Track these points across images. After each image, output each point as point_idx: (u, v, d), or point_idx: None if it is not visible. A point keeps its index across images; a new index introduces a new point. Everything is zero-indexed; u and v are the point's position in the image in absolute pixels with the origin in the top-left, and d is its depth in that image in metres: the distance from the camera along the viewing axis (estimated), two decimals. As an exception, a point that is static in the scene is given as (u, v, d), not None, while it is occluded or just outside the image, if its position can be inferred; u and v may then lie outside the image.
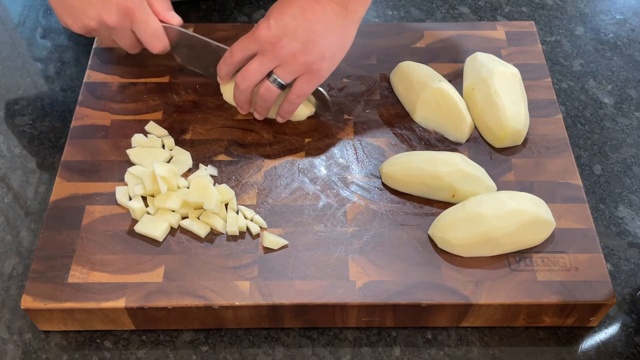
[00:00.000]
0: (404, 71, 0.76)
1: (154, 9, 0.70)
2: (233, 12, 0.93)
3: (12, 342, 0.64)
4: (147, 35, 0.69)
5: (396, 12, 0.93)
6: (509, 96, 0.71)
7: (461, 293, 0.61)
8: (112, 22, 0.67)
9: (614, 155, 0.78)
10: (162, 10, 0.70)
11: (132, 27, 0.69)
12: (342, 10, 0.65)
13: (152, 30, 0.69)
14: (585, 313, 0.63)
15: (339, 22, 0.66)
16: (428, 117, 0.74)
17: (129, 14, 0.67)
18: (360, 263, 0.64)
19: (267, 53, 0.66)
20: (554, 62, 0.87)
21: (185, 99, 0.77)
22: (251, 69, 0.67)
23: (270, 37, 0.65)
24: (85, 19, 0.68)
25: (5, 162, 0.77)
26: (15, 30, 0.91)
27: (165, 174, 0.66)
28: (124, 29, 0.69)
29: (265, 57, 0.66)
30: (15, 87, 0.84)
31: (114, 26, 0.68)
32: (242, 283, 0.62)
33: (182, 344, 0.64)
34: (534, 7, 0.94)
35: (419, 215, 0.67)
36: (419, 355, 0.63)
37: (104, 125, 0.74)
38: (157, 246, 0.65)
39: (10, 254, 0.70)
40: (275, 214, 0.67)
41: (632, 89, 0.84)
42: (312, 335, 0.65)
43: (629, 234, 0.72)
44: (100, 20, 0.67)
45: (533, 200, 0.64)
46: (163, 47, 0.71)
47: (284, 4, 0.66)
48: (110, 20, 0.67)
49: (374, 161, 0.72)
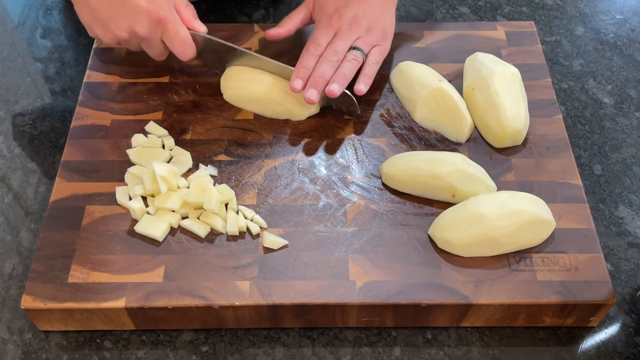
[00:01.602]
0: (404, 71, 0.76)
1: (182, 17, 0.70)
2: (233, 12, 0.93)
3: (12, 342, 0.64)
4: (178, 44, 0.70)
5: (396, 12, 0.93)
6: (509, 96, 0.71)
7: (461, 293, 0.61)
8: (143, 32, 0.67)
9: (614, 155, 0.78)
10: (190, 19, 0.71)
11: (162, 37, 0.69)
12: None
13: (182, 38, 0.70)
14: (585, 313, 0.63)
15: (388, 5, 0.78)
16: (428, 117, 0.74)
17: (160, 24, 0.68)
18: (360, 263, 0.64)
19: (345, 32, 0.75)
20: (554, 62, 0.87)
21: (185, 99, 0.77)
22: (339, 44, 0.74)
23: (346, 20, 0.76)
24: (116, 30, 0.68)
25: (5, 162, 0.77)
26: (15, 30, 0.91)
27: (165, 174, 0.66)
28: (154, 38, 0.69)
29: (346, 34, 0.75)
30: (15, 87, 0.84)
31: (145, 37, 0.68)
32: (242, 283, 0.62)
33: (182, 344, 0.64)
34: (534, 7, 0.94)
35: (419, 215, 0.67)
36: (419, 355, 0.63)
37: (104, 125, 0.74)
38: (157, 246, 0.65)
39: (10, 254, 0.70)
40: (275, 214, 0.67)
41: (632, 89, 0.84)
42: (312, 335, 0.65)
43: (629, 234, 0.72)
44: (131, 30, 0.67)
45: (533, 200, 0.64)
46: (192, 55, 0.72)
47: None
48: (142, 30, 0.67)
49: (374, 161, 0.72)
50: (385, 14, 0.78)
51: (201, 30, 0.72)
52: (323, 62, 0.73)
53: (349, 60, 0.74)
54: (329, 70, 0.72)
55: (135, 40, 0.70)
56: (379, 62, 0.77)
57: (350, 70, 0.73)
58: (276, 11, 0.93)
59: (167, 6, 0.68)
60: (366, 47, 0.76)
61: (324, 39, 0.75)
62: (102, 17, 0.67)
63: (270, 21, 0.92)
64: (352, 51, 0.74)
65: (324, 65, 0.72)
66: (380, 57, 0.77)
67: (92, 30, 0.70)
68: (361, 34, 0.76)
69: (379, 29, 0.77)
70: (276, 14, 0.93)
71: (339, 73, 0.72)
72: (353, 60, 0.74)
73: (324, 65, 0.72)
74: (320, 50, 0.74)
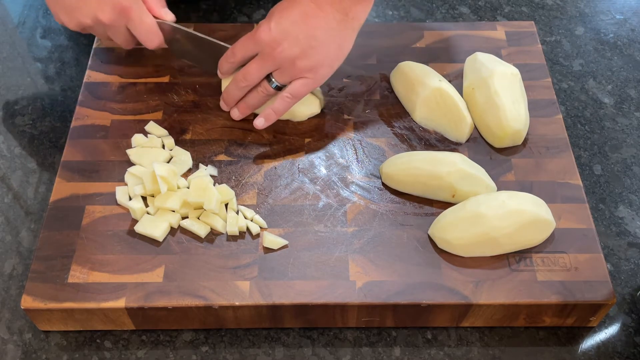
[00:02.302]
0: (404, 71, 0.76)
1: (148, 6, 0.70)
2: (233, 12, 0.93)
3: (12, 342, 0.64)
4: (143, 32, 0.70)
5: (396, 12, 0.93)
6: (509, 96, 0.71)
7: (461, 293, 0.61)
8: (106, 19, 0.68)
9: (614, 155, 0.78)
10: (156, 7, 0.71)
11: (127, 24, 0.70)
12: (343, 17, 0.66)
13: (147, 26, 0.70)
14: (585, 313, 0.63)
15: (340, 30, 0.67)
16: (428, 117, 0.74)
17: (124, 12, 0.68)
18: (360, 263, 0.64)
19: (266, 56, 0.67)
20: (554, 62, 0.87)
21: (185, 99, 0.77)
22: (251, 70, 0.68)
23: (270, 41, 0.66)
24: (80, 16, 0.68)
25: (5, 162, 0.77)
26: (15, 30, 0.91)
27: (165, 174, 0.66)
28: (119, 26, 0.70)
29: (265, 60, 0.67)
30: (15, 87, 0.84)
31: (109, 24, 0.69)
32: (242, 283, 0.62)
33: (182, 344, 0.64)
34: (534, 7, 0.94)
35: (419, 215, 0.67)
36: (419, 355, 0.63)
37: (104, 125, 0.74)
38: (157, 246, 0.65)
39: (10, 254, 0.70)
40: (275, 214, 0.67)
41: (632, 89, 0.84)
42: (312, 335, 0.65)
43: (629, 234, 0.72)
44: (95, 17, 0.68)
45: (533, 200, 0.64)
46: (158, 43, 0.72)
47: (285, 8, 0.66)
48: (105, 17, 0.68)
49: (374, 161, 0.72)
50: (330, 40, 0.66)
51: (167, 19, 0.72)
52: (232, 84, 0.71)
53: (257, 91, 0.70)
54: (236, 93, 0.71)
55: (99, 28, 0.70)
56: (298, 96, 0.69)
57: (255, 103, 0.71)
58: (276, 11, 0.93)
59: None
60: (285, 79, 0.68)
61: (241, 52, 0.69)
62: (66, 4, 0.68)
63: (270, 21, 0.92)
64: (264, 82, 0.69)
65: (232, 88, 0.71)
66: (303, 90, 0.69)
67: (57, 16, 0.70)
68: (284, 64, 0.66)
69: (313, 59, 0.66)
70: (276, 14, 0.93)
71: (244, 100, 0.71)
72: (261, 92, 0.70)
73: (233, 88, 0.71)
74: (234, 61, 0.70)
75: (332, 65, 0.69)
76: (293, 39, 0.65)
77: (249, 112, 0.73)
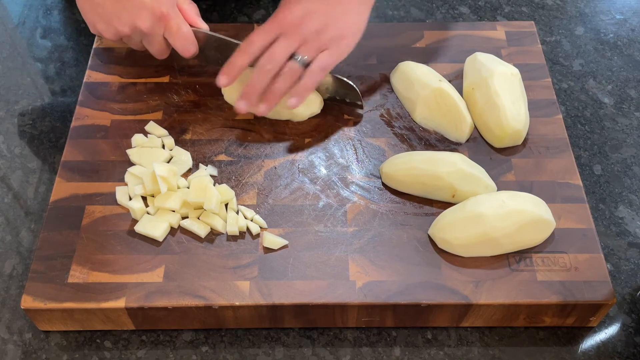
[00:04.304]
0: (404, 71, 0.76)
1: (184, 14, 0.70)
2: (233, 12, 0.93)
3: (12, 342, 0.64)
4: (180, 40, 0.70)
5: (396, 12, 0.93)
6: (509, 96, 0.71)
7: (461, 293, 0.61)
8: (145, 27, 0.68)
9: (614, 155, 0.78)
10: (192, 16, 0.71)
11: (164, 33, 0.69)
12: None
13: (184, 34, 0.70)
14: (585, 313, 0.63)
15: (355, 5, 0.70)
16: (428, 117, 0.74)
17: (163, 20, 0.68)
18: (360, 263, 0.64)
19: (289, 34, 0.68)
20: (554, 62, 0.87)
21: (185, 99, 0.77)
22: (277, 50, 0.68)
23: (292, 19, 0.68)
24: (118, 25, 0.68)
25: (5, 162, 0.77)
26: (15, 30, 0.91)
27: (165, 174, 0.66)
28: (156, 35, 0.69)
29: (289, 37, 0.68)
30: (15, 87, 0.84)
31: (147, 32, 0.68)
32: (242, 283, 0.62)
33: (182, 344, 0.64)
34: (534, 7, 0.94)
35: (419, 215, 0.67)
36: (419, 355, 0.63)
37: (104, 125, 0.74)
38: (157, 246, 0.65)
39: (10, 254, 0.70)
40: (275, 214, 0.67)
41: (632, 89, 0.84)
42: (312, 335, 0.65)
43: (629, 234, 0.72)
44: (133, 25, 0.67)
45: (533, 200, 0.64)
46: (194, 52, 0.72)
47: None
48: (144, 25, 0.67)
49: (374, 161, 0.72)
50: (348, 13, 0.69)
51: (203, 27, 0.72)
52: (257, 73, 0.68)
53: (283, 74, 0.68)
54: (262, 82, 0.69)
55: (137, 37, 0.70)
56: (326, 69, 0.69)
57: (283, 87, 0.69)
58: (276, 11, 0.93)
59: (170, 3, 0.68)
60: (312, 53, 0.68)
61: (262, 38, 0.68)
62: (105, 12, 0.68)
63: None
64: (290, 62, 0.68)
65: (257, 77, 0.68)
66: (330, 62, 0.69)
67: (95, 26, 0.70)
68: (309, 37, 0.68)
69: (335, 29, 0.68)
70: (276, 14, 0.93)
71: (270, 89, 0.69)
72: (287, 73, 0.68)
73: (257, 77, 0.68)
74: (252, 51, 0.68)
75: (354, 35, 0.70)
76: (315, 14, 0.68)
77: (277, 102, 0.70)
